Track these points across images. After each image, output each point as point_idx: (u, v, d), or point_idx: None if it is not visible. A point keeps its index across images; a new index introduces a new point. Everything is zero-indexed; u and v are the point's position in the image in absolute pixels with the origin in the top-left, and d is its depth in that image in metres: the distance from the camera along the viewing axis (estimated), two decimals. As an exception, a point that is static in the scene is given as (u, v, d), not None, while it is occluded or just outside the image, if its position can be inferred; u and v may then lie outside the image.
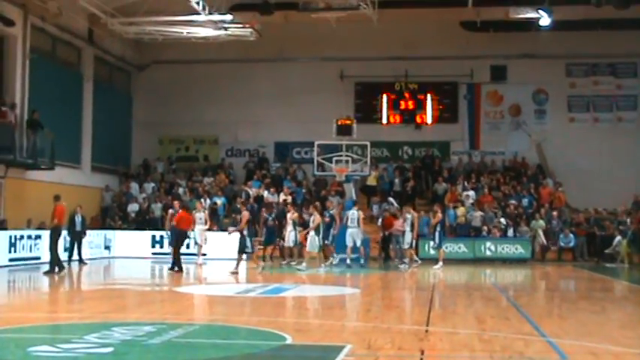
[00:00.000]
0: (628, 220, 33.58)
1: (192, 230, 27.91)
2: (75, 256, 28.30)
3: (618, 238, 32.78)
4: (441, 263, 28.16)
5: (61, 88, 34.32)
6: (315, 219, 27.46)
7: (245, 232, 24.65)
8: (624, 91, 40.15)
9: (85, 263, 28.35)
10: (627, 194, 35.52)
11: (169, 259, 26.40)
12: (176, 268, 24.62)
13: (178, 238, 25.54)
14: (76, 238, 28.42)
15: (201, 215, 28.88)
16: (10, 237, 26.86)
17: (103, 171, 38.17)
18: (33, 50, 31.83)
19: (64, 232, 26.59)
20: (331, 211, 29.77)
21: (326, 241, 28.60)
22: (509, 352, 10.21)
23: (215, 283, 23.14)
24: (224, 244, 30.95)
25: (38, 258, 27.97)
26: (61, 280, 23.36)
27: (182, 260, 25.18)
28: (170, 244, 27.36)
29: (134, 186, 38.24)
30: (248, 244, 24.80)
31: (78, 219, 28.63)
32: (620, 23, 37.19)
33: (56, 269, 23.24)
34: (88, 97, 36.65)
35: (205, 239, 29.17)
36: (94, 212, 35.67)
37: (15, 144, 29.87)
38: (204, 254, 29.63)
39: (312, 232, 27.05)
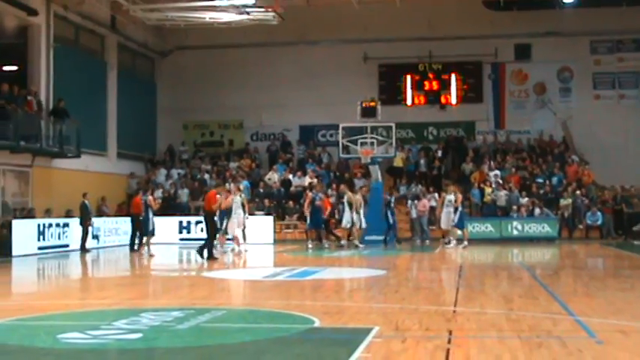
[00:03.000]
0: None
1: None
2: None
3: (646, 215, 32.60)
4: (465, 242, 28.27)
5: (85, 76, 34.50)
6: (348, 197, 28.99)
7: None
8: (650, 67, 39.81)
9: (88, 250, 28.09)
10: (654, 171, 35.31)
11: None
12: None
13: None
14: (88, 225, 28.43)
15: (238, 199, 27.35)
16: (39, 225, 27.04)
17: (129, 158, 38.33)
18: (56, 39, 32.00)
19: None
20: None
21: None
22: (537, 331, 10.19)
23: (243, 268, 23.22)
24: (250, 228, 31.09)
25: (67, 245, 28.21)
26: (90, 267, 23.57)
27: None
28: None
29: (161, 172, 38.41)
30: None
31: (88, 207, 28.65)
32: (645, -2, 36.86)
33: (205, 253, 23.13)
34: (113, 84, 36.79)
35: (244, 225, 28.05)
36: (120, 199, 35.86)
37: (41, 133, 30.07)
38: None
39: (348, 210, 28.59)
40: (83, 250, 27.87)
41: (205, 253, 23.12)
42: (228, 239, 27.39)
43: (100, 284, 18.99)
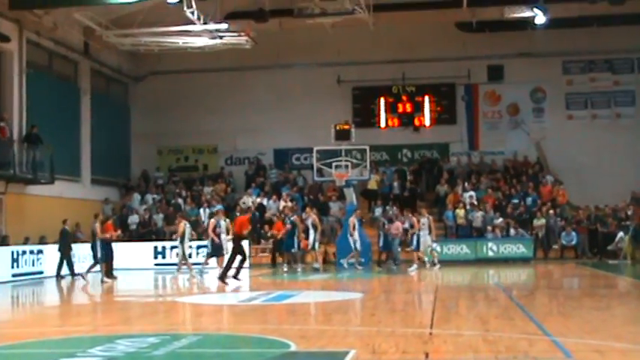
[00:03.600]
0: (629, 216, 33.51)
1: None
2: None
3: (620, 234, 32.78)
4: (436, 264, 28.57)
5: (58, 102, 34.37)
6: (313, 220, 29.25)
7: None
8: (622, 87, 40.16)
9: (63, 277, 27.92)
10: (627, 190, 35.58)
11: (175, 268, 26.83)
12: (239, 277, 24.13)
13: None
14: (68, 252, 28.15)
15: (223, 224, 27.62)
16: (13, 252, 26.86)
17: (103, 183, 38.16)
18: (29, 65, 31.92)
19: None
20: (292, 218, 30.18)
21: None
22: (513, 352, 10.20)
23: (218, 292, 23.11)
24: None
25: (41, 272, 28.00)
26: (65, 294, 23.39)
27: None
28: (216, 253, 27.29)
29: (136, 197, 38.28)
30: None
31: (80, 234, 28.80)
32: (616, 19, 37.23)
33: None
34: (86, 109, 36.66)
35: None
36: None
37: (14, 159, 29.91)
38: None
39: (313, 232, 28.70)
40: (58, 277, 27.43)
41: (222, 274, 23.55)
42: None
43: (75, 311, 18.83)
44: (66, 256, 27.56)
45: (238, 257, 23.50)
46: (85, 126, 36.60)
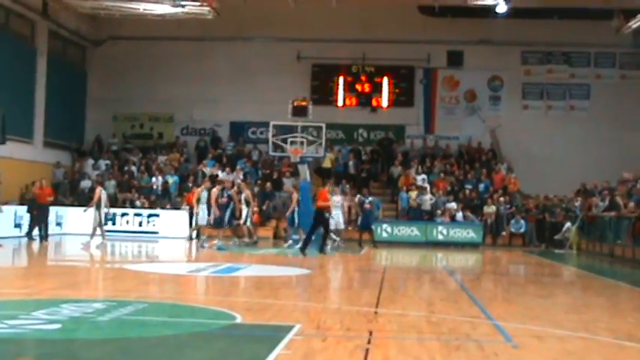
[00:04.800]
0: (577, 207, 33.95)
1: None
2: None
3: (568, 224, 33.21)
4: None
5: (13, 62, 33.82)
6: (247, 195, 28.83)
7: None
8: (577, 80, 40.59)
9: (34, 239, 28.17)
10: (577, 181, 35.93)
11: (127, 237, 26.73)
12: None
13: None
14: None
15: (205, 195, 27.24)
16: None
17: (56, 147, 37.75)
18: (-15, 23, 31.42)
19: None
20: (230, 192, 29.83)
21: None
22: (456, 334, 10.35)
23: (167, 262, 23.11)
24: (177, 222, 31.39)
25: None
26: (11, 257, 23.21)
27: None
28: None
29: (89, 162, 37.99)
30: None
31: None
32: (576, 12, 37.68)
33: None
34: (42, 71, 36.16)
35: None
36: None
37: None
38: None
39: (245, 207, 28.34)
40: (29, 237, 28.19)
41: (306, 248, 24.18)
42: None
43: (20, 274, 18.70)
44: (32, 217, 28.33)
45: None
46: (40, 88, 36.12)
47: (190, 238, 29.74)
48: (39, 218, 27.88)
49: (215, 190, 26.95)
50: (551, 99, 40.71)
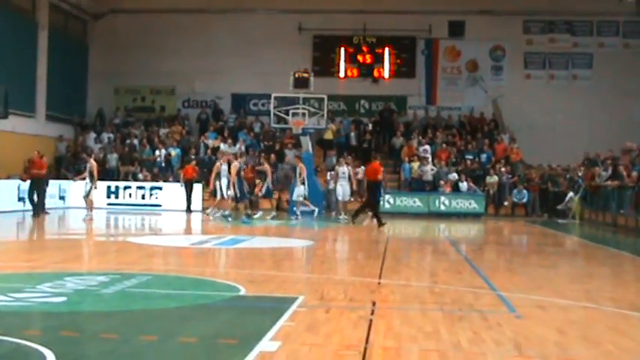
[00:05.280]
0: (580, 177, 33.95)
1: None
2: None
3: (570, 194, 33.20)
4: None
5: (14, 36, 33.78)
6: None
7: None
8: (580, 49, 40.48)
9: (48, 213, 28.29)
10: (580, 151, 35.90)
11: (129, 210, 26.74)
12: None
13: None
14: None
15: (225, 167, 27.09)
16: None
17: (58, 120, 37.76)
18: (-15, -4, 31.30)
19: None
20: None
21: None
22: (459, 304, 10.38)
23: (170, 234, 23.16)
24: (179, 195, 31.47)
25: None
26: (16, 230, 23.26)
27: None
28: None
29: (91, 136, 38.00)
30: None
31: None
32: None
33: None
34: (43, 45, 36.10)
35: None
36: (48, 162, 35.32)
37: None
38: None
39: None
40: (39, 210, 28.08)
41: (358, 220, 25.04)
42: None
43: (25, 247, 18.75)
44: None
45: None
46: (42, 62, 36.07)
47: (189, 210, 30.11)
48: (35, 191, 27.50)
49: (236, 164, 26.69)
50: (554, 68, 40.63)
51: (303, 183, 28.61)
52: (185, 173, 32.13)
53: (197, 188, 32.50)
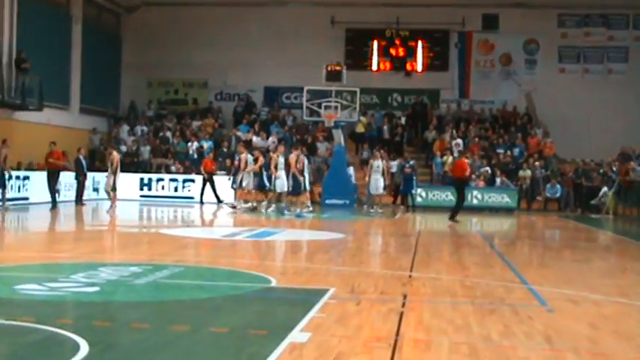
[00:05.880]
0: (614, 171, 33.69)
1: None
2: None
3: (604, 189, 32.96)
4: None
5: (49, 29, 34.05)
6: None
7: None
8: (615, 43, 40.11)
9: (84, 204, 28.60)
10: (615, 146, 35.61)
11: (162, 202, 26.90)
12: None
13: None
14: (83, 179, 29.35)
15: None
16: (-1, 176, 26.78)
17: (92, 113, 38.02)
18: (21, -10, 31.53)
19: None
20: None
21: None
22: (490, 298, 10.36)
23: (202, 226, 23.28)
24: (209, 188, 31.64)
25: (27, 198, 28.08)
26: (51, 221, 23.47)
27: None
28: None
29: (125, 128, 38.25)
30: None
31: (83, 161, 29.55)
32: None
33: None
34: (77, 38, 36.38)
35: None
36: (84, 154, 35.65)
37: (3, 84, 29.75)
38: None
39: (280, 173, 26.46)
40: (78, 202, 28.91)
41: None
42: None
43: (59, 238, 18.93)
44: (78, 182, 29.11)
45: None
46: (76, 54, 36.35)
47: (201, 202, 30.79)
48: (50, 183, 27.39)
49: (293, 156, 26.59)
50: (589, 62, 40.30)
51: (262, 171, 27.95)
52: (205, 166, 32.14)
53: (217, 180, 32.05)
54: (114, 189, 26.39)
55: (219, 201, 30.78)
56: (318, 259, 14.67)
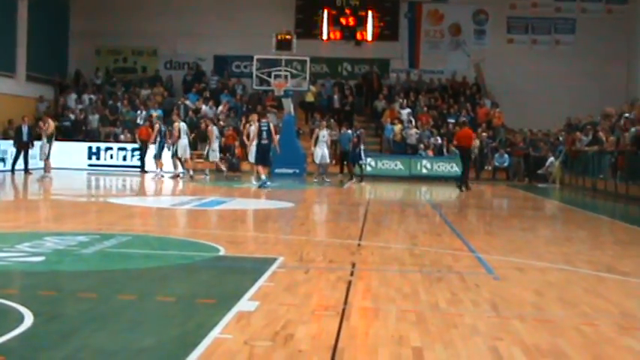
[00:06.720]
0: (561, 141, 34.05)
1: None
2: (20, 166, 28.22)
3: (551, 159, 33.32)
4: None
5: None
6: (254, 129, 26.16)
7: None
8: (563, 14, 40.40)
9: (31, 173, 28.21)
10: (562, 116, 35.96)
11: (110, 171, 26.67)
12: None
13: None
14: (23, 148, 28.39)
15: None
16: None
17: (38, 81, 37.42)
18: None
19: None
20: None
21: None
22: (438, 266, 10.44)
23: (151, 195, 23.14)
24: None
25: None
26: (-6, 190, 23.18)
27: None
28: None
29: (72, 96, 37.76)
30: None
31: (24, 129, 28.69)
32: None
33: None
34: (23, 4, 35.65)
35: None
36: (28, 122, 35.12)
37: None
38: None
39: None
40: (15, 171, 28.35)
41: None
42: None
43: (4, 207, 18.69)
44: (21, 151, 28.43)
45: None
46: (22, 21, 35.63)
47: (144, 171, 30.74)
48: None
49: (255, 127, 25.72)
50: (537, 33, 40.58)
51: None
52: (140, 134, 31.93)
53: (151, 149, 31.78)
54: (48, 157, 26.37)
55: (143, 170, 30.72)
56: (267, 228, 14.67)
